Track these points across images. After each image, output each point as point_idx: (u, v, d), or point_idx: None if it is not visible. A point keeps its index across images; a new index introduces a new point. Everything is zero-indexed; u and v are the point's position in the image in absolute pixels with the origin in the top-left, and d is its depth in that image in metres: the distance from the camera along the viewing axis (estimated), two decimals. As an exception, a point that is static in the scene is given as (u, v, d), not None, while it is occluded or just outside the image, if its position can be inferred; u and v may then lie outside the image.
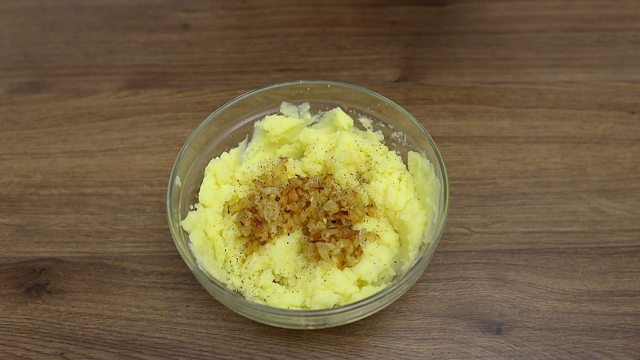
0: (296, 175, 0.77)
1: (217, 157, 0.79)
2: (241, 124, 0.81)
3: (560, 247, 0.81)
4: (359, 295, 0.71)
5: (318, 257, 0.72)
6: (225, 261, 0.75)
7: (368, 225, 0.75)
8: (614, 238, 0.81)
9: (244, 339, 0.75)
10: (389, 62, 1.00)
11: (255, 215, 0.73)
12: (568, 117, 0.92)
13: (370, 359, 0.74)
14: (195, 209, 0.76)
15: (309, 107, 0.82)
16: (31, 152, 0.91)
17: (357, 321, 0.75)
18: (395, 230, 0.77)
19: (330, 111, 0.82)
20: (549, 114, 0.93)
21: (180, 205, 0.74)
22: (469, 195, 0.85)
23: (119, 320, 0.77)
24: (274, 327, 0.75)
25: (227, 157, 0.80)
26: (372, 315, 0.76)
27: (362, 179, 0.79)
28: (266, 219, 0.72)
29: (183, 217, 0.74)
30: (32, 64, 1.01)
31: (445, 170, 0.73)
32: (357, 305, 0.66)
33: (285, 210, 0.73)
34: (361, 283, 0.72)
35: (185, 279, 0.80)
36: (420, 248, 0.73)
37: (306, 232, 0.75)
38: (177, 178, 0.73)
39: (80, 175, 0.89)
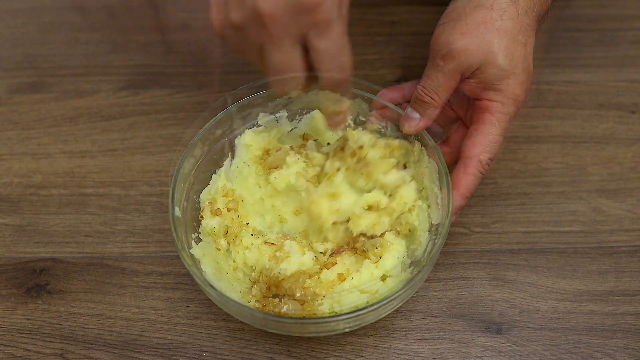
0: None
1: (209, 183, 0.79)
2: (221, 143, 0.80)
3: (561, 246, 0.81)
4: (385, 288, 0.70)
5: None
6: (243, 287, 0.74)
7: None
8: (614, 238, 0.81)
9: (244, 339, 0.75)
10: (389, 62, 1.00)
11: None
12: (568, 117, 0.92)
13: (371, 359, 0.74)
14: (200, 239, 0.76)
15: (286, 114, 0.81)
16: (31, 153, 0.91)
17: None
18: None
19: (308, 114, 0.82)
20: (549, 113, 0.93)
21: (182, 236, 0.72)
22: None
23: (119, 320, 0.77)
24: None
25: (217, 179, 0.79)
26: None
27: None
28: None
29: (188, 247, 0.73)
30: (31, 64, 1.01)
31: (439, 150, 0.73)
32: (393, 297, 0.66)
33: None
34: (383, 277, 0.72)
35: (185, 279, 0.80)
36: (429, 230, 0.73)
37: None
38: (177, 209, 0.72)
39: (80, 175, 0.89)
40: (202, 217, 0.76)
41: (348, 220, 0.74)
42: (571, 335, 0.74)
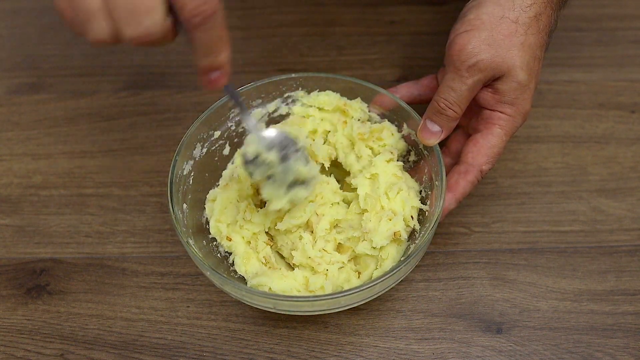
0: None
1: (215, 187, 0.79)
2: (220, 145, 0.80)
3: (561, 246, 0.81)
4: (381, 272, 0.71)
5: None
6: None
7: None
8: (614, 237, 0.81)
9: (244, 340, 0.75)
10: (389, 62, 1.00)
11: None
12: (568, 117, 0.92)
13: (371, 359, 0.74)
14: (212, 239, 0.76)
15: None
16: (31, 153, 0.91)
17: (358, 322, 0.75)
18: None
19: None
20: (549, 113, 0.93)
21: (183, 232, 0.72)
22: (469, 195, 0.85)
23: (119, 320, 0.77)
24: (274, 328, 0.75)
25: (222, 182, 0.79)
26: (373, 315, 0.76)
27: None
28: None
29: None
30: (31, 64, 1.01)
31: (438, 149, 0.73)
32: (400, 266, 0.66)
33: None
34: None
35: (185, 280, 0.80)
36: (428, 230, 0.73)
37: None
38: (177, 211, 0.72)
39: (80, 175, 0.89)
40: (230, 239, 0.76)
41: (336, 226, 0.75)
42: (571, 334, 0.75)
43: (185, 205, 0.74)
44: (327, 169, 0.79)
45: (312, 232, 0.74)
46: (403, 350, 0.74)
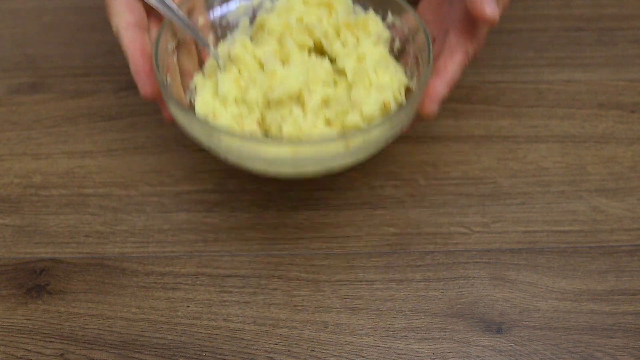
0: None
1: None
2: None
3: (561, 246, 0.81)
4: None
5: None
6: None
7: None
8: (614, 237, 0.81)
9: (244, 339, 0.75)
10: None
11: None
12: (568, 116, 0.93)
13: (371, 359, 0.74)
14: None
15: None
16: (31, 153, 0.91)
17: (358, 322, 0.75)
18: None
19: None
20: (548, 113, 0.93)
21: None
22: (469, 195, 0.85)
23: (119, 320, 0.77)
24: (274, 328, 0.75)
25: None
26: (373, 315, 0.76)
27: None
28: None
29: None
30: (31, 64, 1.01)
31: (421, 21, 0.74)
32: (385, 121, 0.67)
33: None
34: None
35: (185, 279, 0.80)
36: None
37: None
38: (163, 79, 0.71)
39: (80, 175, 0.89)
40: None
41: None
42: (571, 334, 0.75)
43: (168, 78, 0.74)
44: (324, 46, 0.78)
45: (302, 106, 0.74)
46: (403, 350, 0.74)
